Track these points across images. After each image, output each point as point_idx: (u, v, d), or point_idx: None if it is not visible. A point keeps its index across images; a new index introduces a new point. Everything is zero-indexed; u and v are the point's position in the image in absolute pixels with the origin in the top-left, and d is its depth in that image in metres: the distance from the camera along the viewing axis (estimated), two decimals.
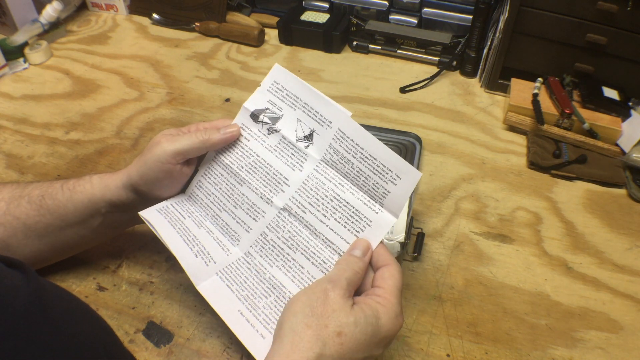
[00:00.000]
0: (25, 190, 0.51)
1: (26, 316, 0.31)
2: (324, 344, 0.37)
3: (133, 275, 0.59)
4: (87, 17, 1.15)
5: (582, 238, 0.65)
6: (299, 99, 0.52)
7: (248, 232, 0.51)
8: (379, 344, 0.40)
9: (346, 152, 0.47)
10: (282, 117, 0.52)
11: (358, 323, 0.39)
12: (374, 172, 0.46)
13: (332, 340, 0.38)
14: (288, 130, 0.52)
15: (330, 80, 0.95)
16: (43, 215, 0.50)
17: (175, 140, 0.50)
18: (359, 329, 0.39)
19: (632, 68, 0.80)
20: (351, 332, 0.38)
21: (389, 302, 0.41)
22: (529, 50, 0.85)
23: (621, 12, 0.75)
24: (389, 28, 1.02)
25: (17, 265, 0.34)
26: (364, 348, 0.39)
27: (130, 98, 0.90)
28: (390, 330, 0.40)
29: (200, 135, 0.51)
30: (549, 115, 0.78)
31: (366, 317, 0.39)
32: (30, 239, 0.50)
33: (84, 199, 0.50)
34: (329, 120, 0.49)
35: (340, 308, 0.39)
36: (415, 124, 0.84)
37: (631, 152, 0.74)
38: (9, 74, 0.95)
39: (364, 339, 0.39)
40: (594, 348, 0.53)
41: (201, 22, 1.08)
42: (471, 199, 0.70)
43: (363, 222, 0.46)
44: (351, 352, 0.38)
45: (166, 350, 0.51)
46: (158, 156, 0.49)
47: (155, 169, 0.49)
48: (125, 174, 0.51)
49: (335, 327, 0.38)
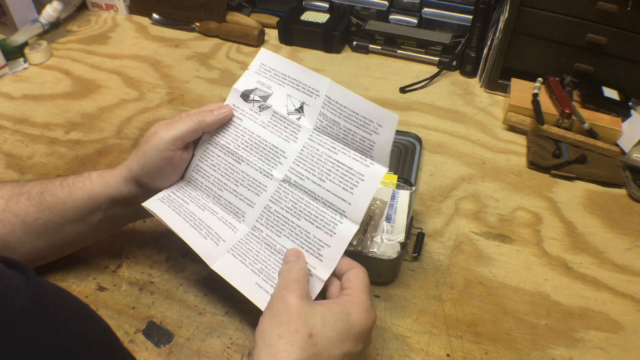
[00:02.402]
0: (25, 187, 0.51)
1: (25, 317, 0.31)
2: (299, 348, 0.38)
3: (133, 275, 0.59)
4: (87, 17, 1.15)
5: (582, 238, 0.65)
6: (287, 76, 0.53)
7: (252, 208, 0.52)
8: (355, 340, 0.41)
9: (334, 115, 0.49)
10: (272, 94, 0.53)
11: (326, 321, 0.40)
12: (359, 127, 0.48)
13: (305, 343, 0.38)
14: (279, 105, 0.53)
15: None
16: (42, 212, 0.50)
17: (171, 127, 0.51)
18: (328, 327, 0.40)
19: (632, 68, 0.80)
20: (321, 331, 0.39)
21: (358, 297, 0.42)
22: (529, 50, 0.85)
23: (621, 12, 0.75)
24: (389, 28, 1.02)
25: (17, 265, 0.34)
26: (339, 344, 0.40)
27: (130, 98, 0.90)
28: (363, 325, 0.41)
29: (194, 117, 0.52)
30: (549, 115, 0.78)
31: (333, 314, 0.40)
32: (29, 236, 0.50)
33: (83, 195, 0.51)
34: (316, 90, 0.51)
35: (304, 311, 0.40)
36: (415, 124, 0.84)
37: (631, 152, 0.74)
38: (9, 74, 0.95)
39: (336, 335, 0.40)
40: (594, 348, 0.53)
41: (201, 22, 1.08)
42: (471, 199, 0.70)
43: (356, 178, 0.48)
44: (327, 350, 0.39)
45: (166, 350, 0.51)
46: (157, 145, 0.50)
47: (156, 158, 0.50)
48: (125, 168, 0.51)
49: (306, 330, 0.39)
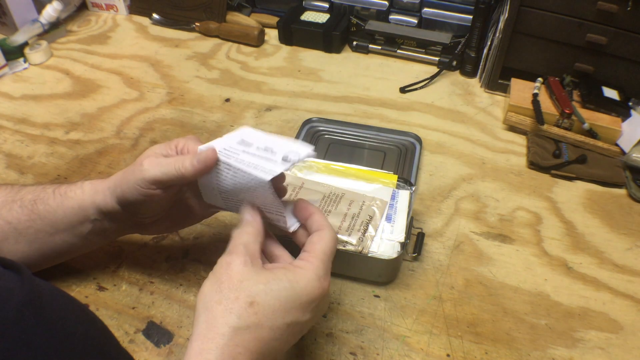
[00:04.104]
0: (19, 194, 0.51)
1: (19, 318, 0.31)
2: (237, 316, 0.36)
3: (133, 275, 0.59)
4: (87, 17, 1.15)
5: (582, 238, 0.65)
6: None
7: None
8: (302, 309, 0.39)
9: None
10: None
11: (270, 289, 0.38)
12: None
13: (245, 311, 0.37)
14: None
15: (330, 80, 0.95)
16: (34, 221, 0.49)
17: (157, 164, 0.46)
18: (271, 295, 0.38)
19: (632, 68, 0.80)
20: (263, 300, 0.37)
21: (311, 264, 0.40)
22: (529, 50, 0.85)
23: (621, 12, 0.75)
24: (389, 28, 1.02)
25: (12, 266, 0.34)
26: (283, 314, 0.38)
27: (130, 98, 0.90)
28: (311, 294, 0.39)
29: (177, 163, 0.46)
30: (549, 115, 0.78)
31: (279, 281, 0.38)
32: (21, 244, 0.50)
33: (74, 205, 0.50)
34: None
35: (247, 277, 0.38)
36: (415, 124, 0.84)
37: (631, 152, 0.74)
38: (9, 74, 0.95)
39: (279, 304, 0.38)
40: (594, 348, 0.53)
41: (201, 22, 1.08)
42: (471, 199, 0.70)
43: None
44: (269, 320, 0.37)
45: (166, 350, 0.51)
46: (136, 180, 0.46)
47: (135, 192, 0.47)
48: (112, 182, 0.49)
49: (246, 297, 0.37)
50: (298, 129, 0.79)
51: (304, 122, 0.80)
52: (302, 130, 0.79)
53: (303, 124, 0.80)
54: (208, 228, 0.65)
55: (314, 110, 0.87)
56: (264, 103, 0.89)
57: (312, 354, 0.52)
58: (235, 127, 0.83)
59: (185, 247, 0.63)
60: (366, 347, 0.52)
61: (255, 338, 0.37)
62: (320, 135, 0.78)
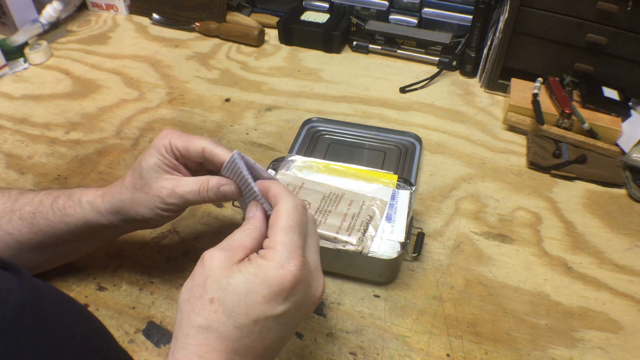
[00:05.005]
0: (16, 204, 0.50)
1: (18, 319, 0.31)
2: (198, 315, 0.35)
3: (133, 275, 0.59)
4: (87, 17, 1.15)
5: (582, 238, 0.65)
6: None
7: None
8: (271, 302, 0.35)
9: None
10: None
11: (228, 285, 0.35)
12: None
13: (205, 309, 0.35)
14: None
15: (330, 80, 0.95)
16: (36, 234, 0.49)
17: (176, 184, 0.47)
18: (228, 291, 0.35)
19: (632, 68, 0.80)
20: (222, 296, 0.35)
21: (271, 250, 0.36)
22: (529, 50, 0.85)
23: (621, 12, 0.75)
24: (389, 28, 1.02)
25: (11, 267, 0.33)
26: (245, 310, 0.35)
27: (130, 98, 0.90)
28: (279, 284, 0.35)
29: (202, 185, 0.46)
30: (549, 115, 0.78)
31: (239, 275, 0.35)
32: (24, 252, 0.49)
33: (77, 222, 0.49)
34: None
35: (213, 274, 0.36)
36: (415, 124, 0.84)
37: (631, 152, 0.74)
38: (9, 74, 0.95)
39: (238, 300, 0.35)
40: (594, 348, 0.53)
41: (201, 22, 1.08)
42: (471, 199, 0.70)
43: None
44: (230, 318, 0.35)
45: (166, 350, 0.51)
46: (153, 201, 0.47)
47: (151, 213, 0.47)
48: (116, 202, 0.48)
49: (207, 294, 0.35)
50: (298, 129, 0.79)
51: (304, 122, 0.80)
52: (302, 130, 0.79)
53: (303, 124, 0.80)
54: (208, 228, 0.65)
55: (314, 110, 0.87)
56: (264, 103, 0.89)
57: (312, 354, 0.52)
58: (236, 127, 0.83)
59: (185, 247, 0.63)
60: (366, 347, 0.52)
61: (220, 337, 0.35)
62: (320, 135, 0.78)
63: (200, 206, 0.67)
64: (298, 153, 0.74)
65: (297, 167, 0.64)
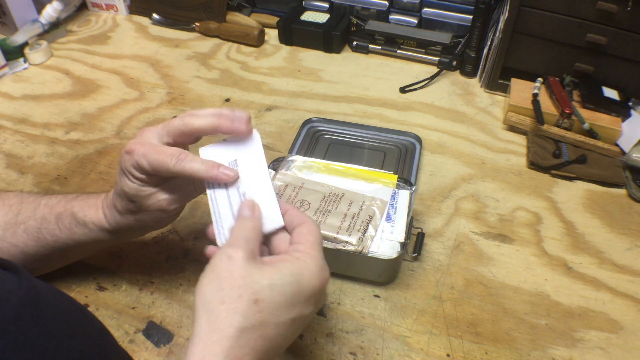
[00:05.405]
0: (19, 217, 0.49)
1: (17, 319, 0.31)
2: (242, 316, 0.35)
3: (133, 275, 0.59)
4: (87, 17, 1.15)
5: (582, 238, 0.65)
6: None
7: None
8: (306, 302, 0.38)
9: None
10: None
11: (274, 285, 0.36)
12: None
13: (249, 310, 0.35)
14: None
15: (330, 80, 0.95)
16: (43, 247, 0.49)
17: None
18: (276, 291, 0.36)
19: (632, 68, 0.80)
20: (268, 297, 0.36)
21: (310, 255, 0.39)
22: (529, 50, 0.85)
23: (621, 12, 0.75)
24: (389, 28, 1.02)
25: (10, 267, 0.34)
26: (287, 310, 0.36)
27: (130, 98, 0.90)
28: (316, 286, 0.38)
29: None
30: (549, 115, 0.78)
31: (282, 276, 0.37)
32: (30, 262, 0.50)
33: (86, 239, 0.49)
34: None
35: (249, 273, 0.36)
36: (415, 124, 0.84)
37: (631, 152, 0.74)
38: (9, 74, 0.95)
39: (284, 300, 0.36)
40: (594, 348, 0.53)
41: (201, 22, 1.08)
42: (471, 199, 0.70)
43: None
44: (274, 317, 0.36)
45: (166, 350, 0.51)
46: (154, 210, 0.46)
47: (148, 219, 0.48)
48: (115, 223, 0.48)
49: (251, 295, 0.35)
50: (298, 128, 0.79)
51: (304, 122, 0.80)
52: (302, 130, 0.79)
53: (303, 124, 0.80)
54: None
55: (314, 110, 0.87)
56: (264, 103, 0.89)
57: (312, 354, 0.52)
58: None
59: (185, 247, 0.63)
60: (366, 347, 0.52)
61: (261, 337, 0.35)
62: (320, 135, 0.78)
63: (200, 206, 0.67)
64: (298, 153, 0.74)
65: (297, 167, 0.64)
